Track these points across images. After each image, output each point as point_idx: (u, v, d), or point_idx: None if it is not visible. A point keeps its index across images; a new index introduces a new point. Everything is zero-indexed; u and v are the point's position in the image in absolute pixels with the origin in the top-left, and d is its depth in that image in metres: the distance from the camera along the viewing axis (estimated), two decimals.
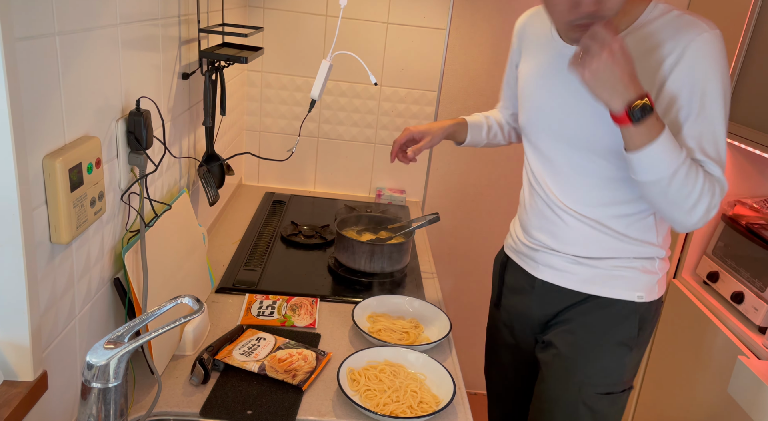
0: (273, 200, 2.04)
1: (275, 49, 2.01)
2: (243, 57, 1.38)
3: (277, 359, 1.16)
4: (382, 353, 1.21)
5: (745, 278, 1.67)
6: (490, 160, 2.20)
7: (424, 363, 1.19)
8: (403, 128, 2.11)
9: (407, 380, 1.16)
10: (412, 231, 1.63)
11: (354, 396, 1.09)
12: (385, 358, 1.21)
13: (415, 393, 1.11)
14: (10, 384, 0.77)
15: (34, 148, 0.75)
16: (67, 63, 0.81)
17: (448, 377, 1.15)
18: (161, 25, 1.16)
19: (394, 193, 2.14)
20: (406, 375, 1.17)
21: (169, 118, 1.25)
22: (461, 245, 2.33)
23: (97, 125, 0.92)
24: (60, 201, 0.79)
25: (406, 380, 1.16)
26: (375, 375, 1.15)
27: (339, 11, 1.96)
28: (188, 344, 1.17)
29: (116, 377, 0.74)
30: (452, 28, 2.02)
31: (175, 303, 0.77)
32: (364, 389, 1.12)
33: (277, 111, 2.09)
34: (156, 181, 1.20)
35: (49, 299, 0.82)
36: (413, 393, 1.11)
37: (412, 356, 1.21)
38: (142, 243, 1.04)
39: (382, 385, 1.13)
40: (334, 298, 1.46)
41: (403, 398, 1.10)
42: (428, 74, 2.06)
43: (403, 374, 1.17)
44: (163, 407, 1.04)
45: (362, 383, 1.13)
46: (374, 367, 1.18)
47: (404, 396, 1.11)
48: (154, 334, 0.76)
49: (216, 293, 1.43)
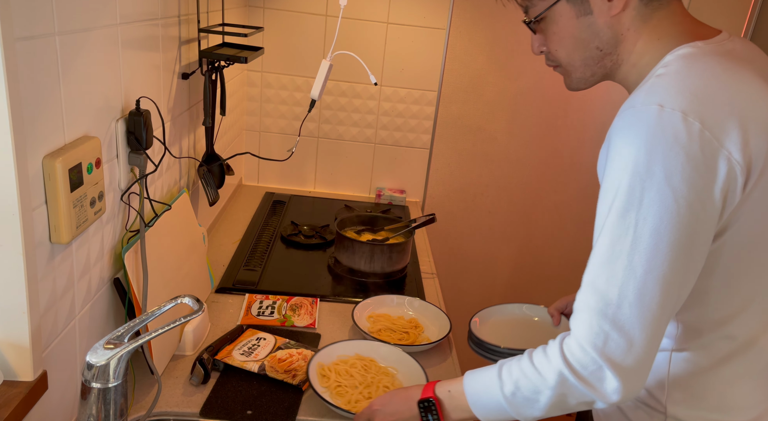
0: (273, 200, 2.04)
1: (275, 49, 2.01)
2: (243, 57, 1.38)
3: (277, 359, 1.16)
4: (353, 347, 1.19)
5: None
6: (490, 160, 2.20)
7: (396, 357, 1.17)
8: (402, 128, 2.12)
9: (379, 374, 1.14)
10: (411, 231, 1.63)
11: (324, 393, 1.07)
12: (355, 352, 1.19)
13: (387, 388, 1.09)
14: (10, 384, 0.77)
15: (34, 148, 0.75)
16: (67, 63, 0.81)
17: (421, 371, 1.13)
18: (161, 25, 1.16)
19: (394, 193, 2.14)
20: (378, 370, 1.15)
21: (169, 118, 1.25)
22: (461, 245, 2.33)
23: (97, 125, 0.92)
24: (60, 201, 0.79)
25: (378, 374, 1.14)
26: (346, 370, 1.13)
27: (339, 11, 1.95)
28: (188, 344, 1.17)
29: (116, 377, 0.74)
30: (452, 28, 2.02)
31: (175, 303, 0.77)
32: (335, 385, 1.09)
33: (277, 111, 2.09)
34: (156, 181, 1.20)
35: (49, 299, 0.82)
36: (385, 388, 1.09)
37: (383, 349, 1.19)
38: (142, 243, 1.04)
39: (353, 380, 1.10)
40: (334, 298, 1.46)
41: (375, 394, 1.08)
42: (428, 74, 2.06)
43: (375, 368, 1.15)
44: (163, 407, 1.04)
45: (333, 379, 1.10)
46: (345, 361, 1.16)
47: (376, 392, 1.08)
48: (154, 334, 0.76)
49: (216, 293, 1.43)
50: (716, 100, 0.72)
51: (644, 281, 0.72)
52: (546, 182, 2.22)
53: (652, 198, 0.71)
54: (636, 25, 0.82)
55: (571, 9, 0.82)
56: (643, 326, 0.73)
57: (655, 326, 0.74)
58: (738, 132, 0.72)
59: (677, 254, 0.72)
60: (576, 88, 0.90)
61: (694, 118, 0.70)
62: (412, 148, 2.15)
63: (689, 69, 0.76)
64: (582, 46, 0.84)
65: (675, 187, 0.70)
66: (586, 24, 0.82)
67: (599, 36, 0.83)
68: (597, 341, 0.74)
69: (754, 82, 0.76)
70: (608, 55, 0.84)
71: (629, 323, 0.73)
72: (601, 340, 0.74)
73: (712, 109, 0.72)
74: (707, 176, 0.71)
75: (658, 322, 0.74)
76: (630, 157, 0.72)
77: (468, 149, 2.18)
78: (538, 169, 2.21)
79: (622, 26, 0.82)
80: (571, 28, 0.84)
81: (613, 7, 0.80)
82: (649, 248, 0.71)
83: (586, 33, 0.83)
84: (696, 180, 0.70)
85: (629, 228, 0.72)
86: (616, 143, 0.74)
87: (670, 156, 0.70)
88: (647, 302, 0.72)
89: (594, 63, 0.86)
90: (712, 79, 0.74)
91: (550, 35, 0.87)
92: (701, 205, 0.72)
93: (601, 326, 0.74)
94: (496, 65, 2.07)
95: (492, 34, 2.04)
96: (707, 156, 0.70)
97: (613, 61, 0.85)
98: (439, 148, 2.17)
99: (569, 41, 0.85)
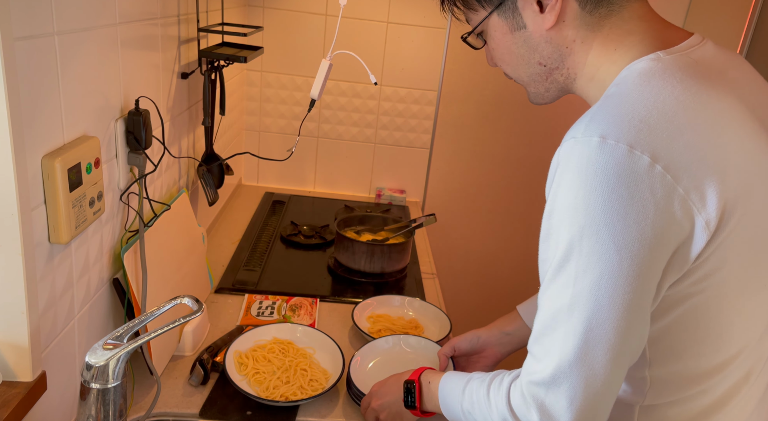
0: (273, 200, 2.04)
1: (275, 48, 2.01)
2: (242, 56, 1.37)
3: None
4: (270, 330, 1.20)
5: None
6: (490, 160, 2.20)
7: (312, 337, 1.19)
8: (402, 128, 2.11)
9: (297, 357, 1.14)
10: (411, 231, 1.63)
11: (242, 381, 1.06)
12: (273, 336, 1.19)
13: (305, 371, 1.10)
14: (9, 385, 0.77)
15: (32, 148, 0.75)
16: (66, 62, 0.80)
17: (337, 349, 1.15)
18: (160, 25, 1.16)
19: (394, 193, 2.14)
20: (296, 352, 1.16)
21: (168, 117, 1.25)
22: (461, 245, 2.32)
23: (96, 125, 0.91)
24: (59, 201, 0.79)
25: (296, 357, 1.14)
26: (263, 356, 1.13)
27: (339, 10, 1.95)
28: (187, 344, 1.17)
29: (115, 377, 0.74)
30: (452, 28, 2.02)
31: (174, 303, 0.77)
32: (253, 373, 1.09)
33: (277, 111, 2.09)
34: (155, 181, 1.20)
35: (48, 300, 0.82)
36: (303, 371, 1.10)
37: (300, 330, 1.20)
38: (141, 243, 1.04)
39: (271, 366, 1.11)
40: (333, 298, 1.46)
41: (293, 378, 1.08)
42: (428, 74, 2.06)
43: (293, 351, 1.16)
44: (163, 408, 1.03)
45: (250, 366, 1.10)
46: (262, 347, 1.16)
47: (294, 376, 1.09)
48: (154, 334, 0.75)
49: (215, 293, 1.42)
50: (673, 130, 0.62)
51: (585, 339, 0.65)
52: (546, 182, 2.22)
53: (591, 248, 0.63)
54: (583, 36, 0.73)
55: (504, 24, 0.77)
56: (585, 385, 0.66)
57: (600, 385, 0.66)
58: (701, 167, 0.62)
59: (621, 310, 0.64)
60: (536, 102, 0.84)
61: (643, 151, 0.61)
62: (412, 148, 2.15)
63: (643, 90, 0.65)
64: (524, 62, 0.78)
65: (616, 235, 0.61)
66: (522, 39, 0.76)
67: (538, 51, 0.76)
68: (538, 394, 0.69)
69: (723, 102, 0.66)
70: (556, 70, 0.77)
71: (569, 381, 0.67)
72: (543, 392, 0.69)
73: (666, 140, 0.62)
74: (658, 221, 0.61)
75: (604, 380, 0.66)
76: (569, 197, 0.64)
77: (468, 149, 2.18)
78: (537, 169, 2.21)
79: (566, 39, 0.74)
80: (507, 43, 0.78)
81: (546, 20, 0.73)
82: (589, 304, 0.64)
83: (524, 49, 0.77)
84: (643, 227, 0.61)
85: (569, 281, 0.65)
86: (557, 179, 0.67)
87: (612, 198, 0.61)
88: (589, 361, 0.66)
89: (542, 79, 0.79)
90: (670, 103, 0.64)
91: (491, 51, 0.82)
92: (648, 255, 0.62)
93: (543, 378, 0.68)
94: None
95: None
96: (657, 196, 0.61)
97: (563, 75, 0.77)
98: (439, 148, 2.17)
99: (509, 57, 0.80)
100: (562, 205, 0.65)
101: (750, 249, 0.68)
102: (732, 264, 0.67)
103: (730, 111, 0.66)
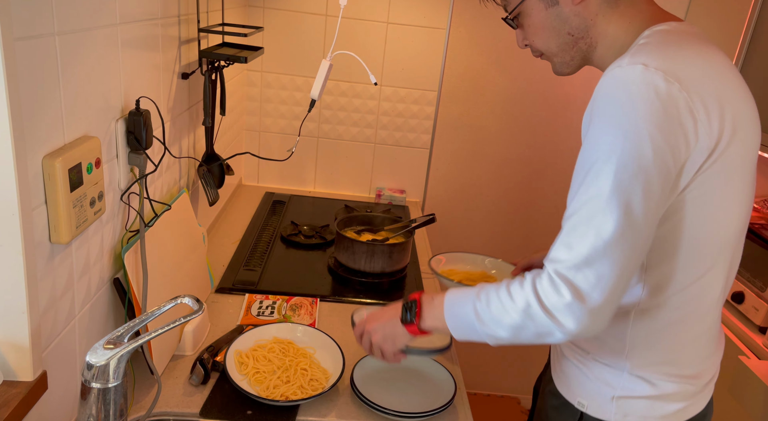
0: (273, 200, 2.04)
1: (275, 48, 2.01)
2: (243, 57, 1.37)
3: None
4: (270, 330, 1.20)
5: (746, 278, 1.67)
6: (491, 161, 2.20)
7: (312, 337, 1.19)
8: (402, 128, 2.12)
9: (297, 357, 1.14)
10: (411, 231, 1.63)
11: (242, 381, 1.07)
12: (273, 335, 1.20)
13: (305, 371, 1.10)
14: (9, 384, 0.77)
15: (33, 148, 0.75)
16: (67, 63, 0.81)
17: (337, 349, 1.15)
18: (161, 25, 1.16)
19: (394, 193, 2.14)
20: (296, 352, 1.16)
21: (168, 118, 1.25)
22: (461, 245, 2.32)
23: (96, 125, 0.91)
24: (60, 201, 0.79)
25: (296, 357, 1.14)
26: (264, 355, 1.14)
27: (339, 11, 1.95)
28: (188, 344, 1.17)
29: (116, 377, 0.74)
30: (452, 28, 2.02)
31: (174, 303, 0.77)
32: (253, 372, 1.09)
33: (277, 111, 2.09)
34: (156, 181, 1.20)
35: (48, 299, 0.82)
36: (303, 371, 1.10)
37: (300, 330, 1.20)
38: (142, 243, 1.04)
39: (271, 365, 1.11)
40: (334, 298, 1.46)
41: (294, 378, 1.09)
42: (428, 74, 2.06)
43: (293, 350, 1.16)
44: (163, 408, 1.03)
45: (251, 366, 1.11)
46: (263, 346, 1.16)
47: (294, 375, 1.09)
48: (154, 334, 0.75)
49: (216, 293, 1.43)
50: (693, 67, 0.80)
51: (620, 224, 0.77)
52: (546, 182, 2.22)
53: (632, 148, 0.77)
54: (603, 11, 0.91)
55: (539, 2, 0.93)
56: (615, 265, 0.79)
57: (624, 267, 0.79)
58: (712, 99, 0.79)
59: (651, 202, 0.79)
60: (561, 72, 0.99)
61: (674, 79, 0.78)
62: (412, 148, 2.15)
63: (668, 40, 0.84)
64: (555, 34, 0.94)
65: (654, 139, 0.77)
66: (555, 14, 0.92)
67: (568, 23, 0.92)
68: (569, 275, 0.80)
69: (721, 56, 0.86)
70: (581, 39, 0.93)
71: (602, 261, 0.78)
72: (574, 273, 0.80)
73: (690, 73, 0.79)
74: (679, 131, 0.78)
75: (629, 263, 0.80)
76: (615, 107, 0.78)
77: (468, 149, 2.18)
78: (538, 169, 2.21)
79: (590, 12, 0.91)
80: (542, 18, 0.94)
81: None
82: (625, 196, 0.77)
83: (556, 22, 0.93)
84: (670, 133, 0.77)
85: (608, 177, 0.77)
86: (602, 98, 0.81)
87: (652, 109, 0.77)
88: (621, 244, 0.78)
89: (569, 47, 0.95)
90: (689, 51, 0.83)
91: (527, 28, 0.97)
92: (672, 161, 0.79)
93: (576, 262, 0.79)
94: (496, 65, 2.07)
95: (492, 34, 2.04)
96: (682, 113, 0.78)
97: (587, 43, 0.94)
98: (439, 148, 2.17)
99: (543, 31, 0.95)
100: (608, 113, 0.79)
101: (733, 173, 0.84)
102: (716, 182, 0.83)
103: (728, 63, 0.86)
